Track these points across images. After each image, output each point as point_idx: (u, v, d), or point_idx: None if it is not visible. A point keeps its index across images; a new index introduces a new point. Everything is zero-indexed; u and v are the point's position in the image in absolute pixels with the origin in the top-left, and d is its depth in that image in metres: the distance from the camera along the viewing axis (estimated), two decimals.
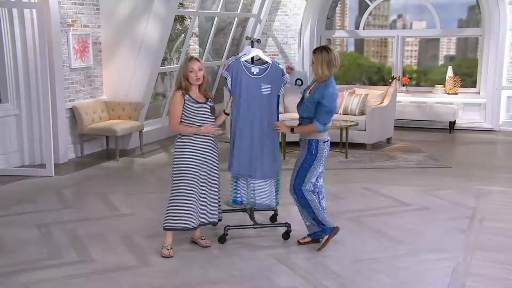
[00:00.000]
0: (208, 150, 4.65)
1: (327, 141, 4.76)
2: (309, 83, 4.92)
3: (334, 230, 4.76)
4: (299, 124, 4.83)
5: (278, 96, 4.87)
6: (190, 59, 4.57)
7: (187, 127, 4.59)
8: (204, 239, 4.87)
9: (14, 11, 7.38)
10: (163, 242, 4.70)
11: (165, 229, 4.69)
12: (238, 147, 4.82)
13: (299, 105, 4.84)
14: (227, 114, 4.87)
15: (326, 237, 4.75)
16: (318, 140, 4.68)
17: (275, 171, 4.93)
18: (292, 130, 4.78)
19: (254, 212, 5.14)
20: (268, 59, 4.89)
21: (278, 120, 4.90)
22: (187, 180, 4.60)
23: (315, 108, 4.62)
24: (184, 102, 4.55)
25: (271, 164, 4.88)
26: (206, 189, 4.70)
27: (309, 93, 4.74)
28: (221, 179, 4.87)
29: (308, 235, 4.88)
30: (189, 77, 4.53)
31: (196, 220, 4.66)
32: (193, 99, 4.57)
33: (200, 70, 4.55)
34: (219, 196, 4.85)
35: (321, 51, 4.62)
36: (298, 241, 4.91)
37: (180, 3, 10.18)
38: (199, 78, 4.55)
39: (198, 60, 4.57)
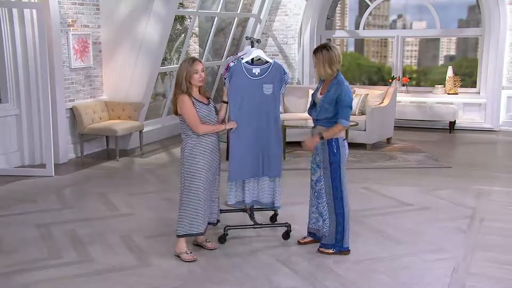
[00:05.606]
0: (214, 151, 4.61)
1: (345, 140, 4.66)
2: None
3: (344, 251, 4.64)
4: (314, 127, 4.72)
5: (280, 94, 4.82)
6: (193, 60, 4.49)
7: (213, 126, 4.54)
8: (209, 241, 4.82)
9: (14, 11, 7.38)
10: (178, 248, 4.59)
11: (179, 236, 4.60)
12: (235, 153, 4.73)
13: (311, 108, 4.73)
14: (226, 102, 4.78)
15: (332, 251, 4.65)
16: (338, 138, 4.58)
17: (279, 171, 4.86)
18: (321, 138, 4.56)
19: (254, 212, 5.13)
20: (269, 59, 4.85)
21: (279, 117, 4.84)
22: (200, 182, 4.53)
23: (335, 106, 4.51)
24: (194, 105, 4.49)
25: (275, 163, 4.82)
26: (212, 189, 4.68)
27: (320, 94, 4.63)
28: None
29: (322, 244, 4.74)
30: (193, 79, 4.46)
31: (205, 224, 4.63)
32: (198, 101, 4.53)
33: (203, 71, 4.52)
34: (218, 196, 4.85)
35: (321, 50, 4.54)
36: (298, 241, 4.90)
37: (180, 3, 10.19)
38: (203, 79, 4.52)
39: (200, 61, 4.53)
